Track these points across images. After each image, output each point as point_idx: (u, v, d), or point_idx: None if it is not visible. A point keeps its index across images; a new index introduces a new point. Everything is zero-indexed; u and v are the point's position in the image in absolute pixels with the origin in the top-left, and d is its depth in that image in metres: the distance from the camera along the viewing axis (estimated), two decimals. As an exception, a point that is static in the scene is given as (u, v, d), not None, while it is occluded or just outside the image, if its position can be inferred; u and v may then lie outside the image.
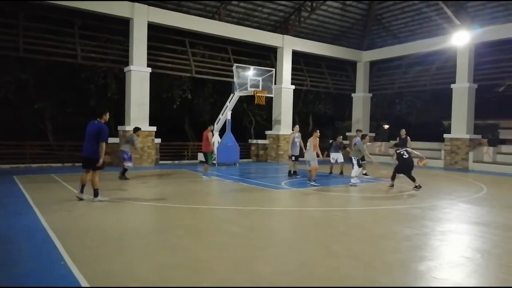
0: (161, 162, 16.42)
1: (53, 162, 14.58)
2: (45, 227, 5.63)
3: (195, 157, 17.75)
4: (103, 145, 7.41)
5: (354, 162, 11.29)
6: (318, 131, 11.51)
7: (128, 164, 11.54)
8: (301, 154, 12.56)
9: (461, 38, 16.49)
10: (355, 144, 13.13)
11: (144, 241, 5.29)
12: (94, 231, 5.57)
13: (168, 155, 17.28)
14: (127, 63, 15.40)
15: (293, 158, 12.72)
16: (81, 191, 7.73)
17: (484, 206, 8.56)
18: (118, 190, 9.51)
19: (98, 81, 18.99)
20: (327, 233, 5.97)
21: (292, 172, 12.86)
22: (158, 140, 16.09)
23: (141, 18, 15.06)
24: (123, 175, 11.42)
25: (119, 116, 17.44)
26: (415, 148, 14.86)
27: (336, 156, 13.93)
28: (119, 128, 15.55)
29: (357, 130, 14.43)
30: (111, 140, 15.41)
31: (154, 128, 15.63)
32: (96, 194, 7.64)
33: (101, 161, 7.44)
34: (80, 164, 7.52)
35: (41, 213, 6.48)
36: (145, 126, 15.34)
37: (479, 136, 18.72)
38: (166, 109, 21.23)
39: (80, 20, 14.90)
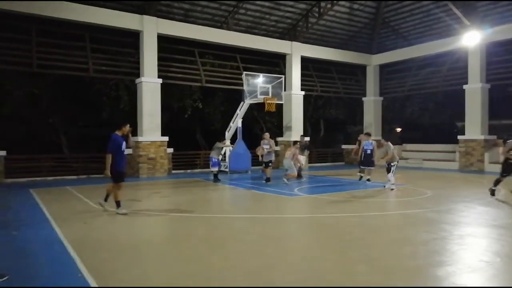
0: (174, 171, 16.52)
1: (68, 174, 14.78)
2: (61, 239, 5.69)
3: (207, 165, 17.78)
4: (109, 156, 7.34)
5: (392, 168, 10.93)
6: (298, 143, 12.92)
7: (213, 169, 13.13)
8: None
9: (471, 39, 16.30)
10: (363, 148, 13.10)
11: (159, 251, 5.32)
12: (110, 243, 5.62)
13: (181, 164, 17.37)
14: (138, 75, 15.60)
15: (264, 164, 13.03)
16: (104, 200, 7.85)
17: (502, 208, 8.40)
18: (133, 201, 9.58)
19: (110, 94, 19.25)
20: (342, 239, 5.91)
21: (266, 179, 12.80)
22: (170, 150, 16.20)
23: (151, 30, 15.27)
24: (216, 179, 13.11)
25: (132, 127, 17.60)
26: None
27: (301, 159, 13.88)
28: (132, 139, 15.68)
29: (366, 133, 14.20)
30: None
31: (166, 138, 15.76)
32: (117, 205, 7.63)
33: (106, 172, 7.39)
34: (96, 175, 7.67)
35: (58, 225, 6.56)
36: (157, 137, 15.49)
37: (494, 137, 18.38)
38: (178, 119, 21.38)
39: (90, 34, 15.18)
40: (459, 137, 18.68)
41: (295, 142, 13.70)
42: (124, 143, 7.63)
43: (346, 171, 16.21)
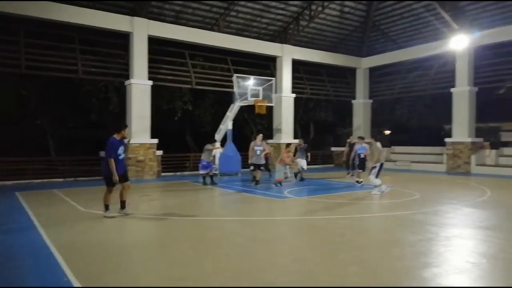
0: (163, 174, 16.42)
1: (55, 177, 14.59)
2: (48, 243, 5.61)
3: (196, 168, 17.72)
4: (110, 161, 7.14)
5: (374, 170, 10.41)
6: (289, 145, 13.11)
7: (201, 171, 12.94)
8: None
9: (459, 42, 16.56)
10: (356, 151, 13.02)
11: (148, 254, 5.28)
12: (97, 246, 5.55)
13: (170, 167, 17.28)
14: (127, 77, 15.50)
15: (252, 167, 12.64)
16: (122, 207, 7.68)
17: (488, 209, 8.51)
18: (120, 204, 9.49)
19: (100, 95, 19.09)
20: (332, 241, 5.93)
21: (253, 181, 12.65)
22: (159, 152, 16.11)
23: (141, 32, 15.20)
24: (205, 182, 12.97)
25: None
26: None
27: (302, 163, 13.77)
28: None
29: (359, 137, 13.82)
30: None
31: (156, 141, 15.67)
32: (105, 208, 7.50)
33: (114, 178, 7.18)
34: (83, 178, 7.51)
35: (44, 229, 6.47)
36: (147, 139, 15.40)
37: (481, 139, 18.68)
38: (168, 121, 21.30)
39: (80, 35, 15.05)
40: (446, 139, 18.92)
41: (287, 145, 13.69)
42: (122, 147, 7.43)
43: (336, 173, 16.28)
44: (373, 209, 8.75)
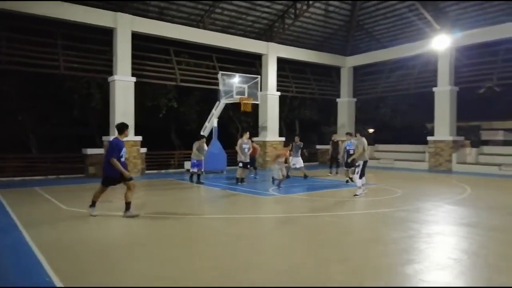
0: (147, 171, 16.26)
1: (36, 175, 14.30)
2: (29, 242, 5.50)
3: (181, 166, 17.62)
4: (113, 161, 7.00)
5: (358, 169, 9.90)
6: (289, 146, 12.58)
7: (192, 169, 12.80)
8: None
9: (441, 42, 16.85)
10: (345, 148, 12.89)
11: (132, 253, 5.22)
12: (80, 245, 5.47)
13: (155, 164, 17.13)
14: (111, 73, 15.26)
15: (241, 164, 12.48)
16: (127, 209, 7.37)
17: (468, 207, 8.71)
18: (104, 202, 9.36)
19: (82, 92, 18.76)
20: (316, 238, 5.98)
21: (239, 180, 12.44)
22: (144, 150, 15.94)
23: (125, 28, 14.98)
24: (191, 180, 12.86)
25: (104, 126, 17.23)
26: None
27: (295, 161, 13.62)
28: (104, 138, 15.36)
29: (347, 133, 13.40)
30: (95, 151, 15.26)
31: (139, 138, 15.49)
32: (92, 204, 7.37)
33: (126, 174, 7.11)
34: (65, 176, 7.34)
35: (25, 228, 6.33)
36: (130, 136, 15.18)
37: (461, 138, 19.09)
38: (152, 118, 21.08)
39: (62, 30, 14.74)
40: (428, 138, 19.27)
41: (286, 144, 12.93)
42: (124, 149, 7.31)
43: (321, 171, 16.41)
44: (356, 207, 8.85)
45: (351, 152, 12.43)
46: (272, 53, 19.54)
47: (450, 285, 4.11)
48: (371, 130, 31.18)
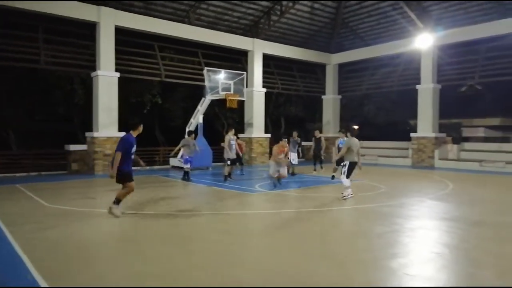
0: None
1: (18, 171, 13.99)
2: (10, 241, 5.38)
3: (166, 162, 17.49)
4: (117, 154, 6.77)
5: (344, 169, 9.15)
6: (285, 140, 10.91)
7: (186, 166, 12.47)
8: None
9: (424, 41, 17.11)
10: (338, 145, 12.54)
11: (118, 251, 5.16)
12: (64, 243, 5.37)
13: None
14: (94, 68, 15.01)
15: (229, 162, 12.27)
16: (115, 203, 7.06)
17: (450, 202, 8.89)
18: (87, 198, 9.24)
19: (65, 87, 18.40)
20: (302, 234, 6.02)
21: (227, 177, 12.27)
22: (128, 146, 15.74)
23: (108, 22, 14.74)
24: (185, 177, 12.48)
25: (87, 122, 16.96)
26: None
27: (293, 157, 13.50)
28: (87, 134, 15.12)
29: (340, 131, 12.85)
30: (78, 147, 15.01)
31: (123, 134, 15.26)
32: (116, 202, 7.01)
33: (112, 173, 6.78)
34: (47, 172, 7.19)
35: (6, 226, 6.19)
36: (114, 132, 15.01)
37: (443, 135, 19.47)
38: (136, 114, 20.85)
39: (44, 24, 14.41)
40: (411, 134, 19.58)
41: (283, 138, 11.23)
42: (135, 146, 7.04)
43: (306, 167, 16.49)
44: (342, 202, 8.93)
45: None
46: (258, 49, 19.52)
47: (433, 278, 4.19)
48: (355, 127, 31.52)
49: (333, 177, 12.68)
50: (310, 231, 6.25)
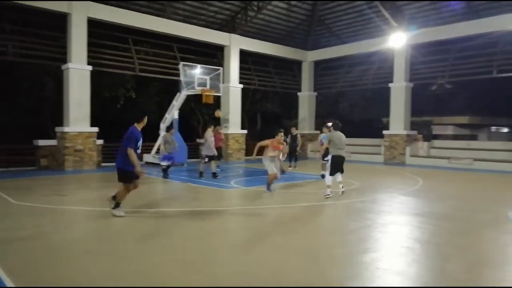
0: (103, 164, 15.70)
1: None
2: (-27, 239, 5.15)
3: (140, 158, 17.12)
4: (129, 151, 6.31)
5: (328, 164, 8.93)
6: (281, 134, 9.42)
7: (167, 163, 11.94)
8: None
9: (398, 40, 17.49)
10: (320, 140, 12.15)
11: (89, 249, 5.01)
12: (32, 242, 5.19)
13: (112, 157, 16.50)
14: (65, 61, 14.53)
15: (207, 159, 11.86)
16: (116, 206, 6.67)
17: (421, 198, 9.14)
18: (57, 195, 8.96)
19: (34, 80, 17.75)
20: (277, 230, 6.04)
21: (200, 174, 12.00)
22: (100, 142, 15.38)
23: (80, 14, 14.29)
24: (165, 175, 11.95)
25: (57, 116, 16.43)
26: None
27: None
28: (57, 129, 14.65)
29: (325, 126, 11.92)
30: (48, 142, 14.52)
31: (96, 129, 14.91)
32: (116, 205, 6.65)
33: (137, 170, 6.39)
34: (15, 168, 6.86)
35: (-31, 224, 5.92)
36: (86, 127, 14.62)
37: (415, 132, 19.98)
38: (109, 108, 20.37)
39: (12, 14, 13.82)
40: (384, 132, 20.00)
41: (280, 132, 9.61)
42: (141, 139, 6.65)
43: (282, 163, 16.59)
44: (316, 198, 9.03)
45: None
46: (235, 45, 19.42)
47: (404, 272, 4.29)
48: (330, 124, 31.93)
49: (323, 176, 11.82)
50: (285, 226, 6.28)
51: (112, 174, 13.30)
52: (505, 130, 38.37)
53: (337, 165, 8.78)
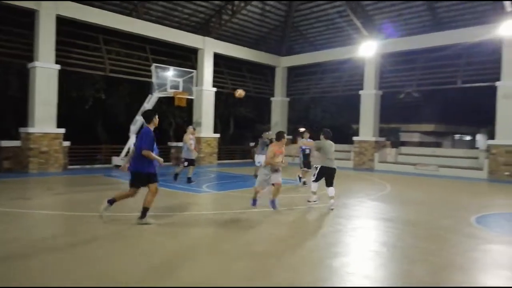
0: (70, 167, 15.21)
1: None
2: None
3: (108, 161, 16.75)
4: (148, 152, 6.05)
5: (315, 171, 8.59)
6: (284, 134, 8.10)
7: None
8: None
9: (368, 48, 17.96)
10: (300, 148, 11.95)
11: (54, 255, 4.82)
12: (-10, 246, 4.94)
13: (79, 159, 16.07)
14: (31, 59, 14.01)
15: (186, 163, 11.48)
16: (143, 215, 6.38)
17: (388, 203, 9.38)
18: (21, 199, 8.59)
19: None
20: (248, 234, 6.03)
21: (175, 176, 11.57)
22: (67, 143, 14.89)
23: (49, 11, 13.82)
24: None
25: (22, 116, 15.78)
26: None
27: (260, 159, 12.43)
28: (22, 130, 14.07)
29: (302, 132, 12.20)
30: (11, 143, 13.92)
31: (62, 130, 14.43)
32: (144, 214, 6.35)
33: (161, 160, 6.24)
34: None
35: None
36: (52, 128, 14.13)
37: (383, 139, 20.54)
38: (77, 109, 19.78)
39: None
40: (354, 138, 20.44)
41: (279, 136, 8.05)
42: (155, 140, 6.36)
43: (254, 168, 16.61)
44: (287, 203, 9.08)
45: (307, 151, 11.78)
46: (209, 48, 19.34)
47: (371, 276, 4.38)
48: (302, 129, 32.30)
49: (304, 182, 11.81)
50: (256, 231, 6.28)
51: (80, 177, 12.97)
52: (468, 138, 40.15)
53: (326, 176, 8.36)
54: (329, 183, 8.34)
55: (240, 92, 12.92)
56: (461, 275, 4.49)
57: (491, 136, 17.07)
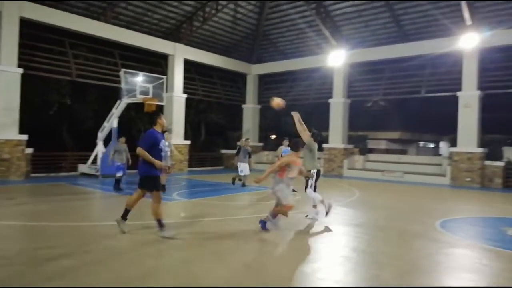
0: (33, 175, 14.60)
1: None
2: None
3: (74, 169, 16.20)
4: (140, 150, 5.86)
5: (311, 181, 7.91)
6: (302, 142, 7.50)
7: (118, 174, 11.40)
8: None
9: (336, 58, 18.41)
10: (281, 155, 11.23)
11: (15, 268, 4.59)
12: None
13: (42, 167, 15.45)
14: (-8, 62, 13.43)
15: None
16: (161, 226, 6.14)
17: (357, 209, 9.57)
18: (-22, 208, 8.15)
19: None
20: (221, 243, 5.97)
21: (164, 186, 10.87)
22: (29, 150, 14.29)
23: (11, 12, 13.34)
24: (116, 187, 11.33)
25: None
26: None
27: (243, 167, 12.57)
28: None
29: (285, 139, 11.94)
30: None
31: (25, 137, 13.86)
32: (161, 225, 6.10)
33: (159, 164, 5.95)
34: None
35: None
36: (14, 135, 13.55)
37: (352, 146, 21.00)
38: (41, 115, 19.08)
39: None
40: (324, 145, 20.77)
41: (295, 146, 7.26)
42: (163, 142, 6.25)
43: (225, 175, 16.55)
44: (257, 210, 9.08)
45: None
46: (179, 54, 19.20)
47: (342, 281, 4.44)
48: (273, 136, 32.52)
49: (243, 184, 12.61)
50: (227, 240, 6.22)
51: (44, 185, 12.46)
52: (432, 145, 41.74)
53: (317, 180, 7.95)
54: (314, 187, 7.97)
55: (278, 102, 8.94)
56: (426, 278, 4.63)
57: (453, 143, 17.83)
